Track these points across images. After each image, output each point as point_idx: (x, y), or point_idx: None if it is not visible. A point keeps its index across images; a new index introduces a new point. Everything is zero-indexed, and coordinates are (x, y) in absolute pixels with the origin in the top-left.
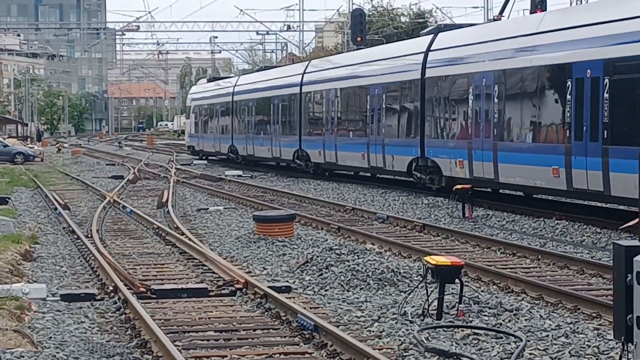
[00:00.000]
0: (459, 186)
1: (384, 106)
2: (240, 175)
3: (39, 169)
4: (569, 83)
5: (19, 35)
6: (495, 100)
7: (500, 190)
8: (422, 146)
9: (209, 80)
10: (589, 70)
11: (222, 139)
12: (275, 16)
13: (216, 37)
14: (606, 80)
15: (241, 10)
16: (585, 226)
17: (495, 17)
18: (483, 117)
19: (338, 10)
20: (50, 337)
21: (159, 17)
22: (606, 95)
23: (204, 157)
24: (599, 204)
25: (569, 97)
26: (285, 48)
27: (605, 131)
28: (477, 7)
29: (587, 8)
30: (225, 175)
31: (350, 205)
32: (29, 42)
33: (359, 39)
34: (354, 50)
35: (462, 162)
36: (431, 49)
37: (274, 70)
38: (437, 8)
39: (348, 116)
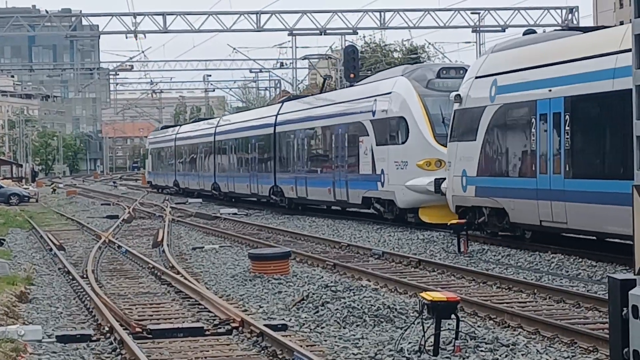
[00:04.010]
0: (454, 221)
1: (256, 151)
2: (235, 214)
3: (34, 209)
4: (332, 136)
5: (12, 76)
6: (305, 147)
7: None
8: (275, 178)
9: (162, 128)
10: (340, 129)
11: (169, 175)
12: (268, 54)
13: (210, 76)
14: (345, 135)
15: (234, 49)
16: (580, 259)
17: (324, 90)
18: (301, 159)
19: (331, 47)
20: None
21: (152, 56)
22: (345, 143)
23: (159, 190)
24: (594, 239)
25: (332, 145)
26: (278, 85)
27: (345, 165)
28: (469, 42)
29: (347, 90)
30: (221, 214)
31: (345, 242)
32: (23, 83)
33: (352, 75)
34: (347, 86)
35: (293, 188)
36: (279, 113)
37: (200, 122)
38: (429, 44)
39: (239, 158)
